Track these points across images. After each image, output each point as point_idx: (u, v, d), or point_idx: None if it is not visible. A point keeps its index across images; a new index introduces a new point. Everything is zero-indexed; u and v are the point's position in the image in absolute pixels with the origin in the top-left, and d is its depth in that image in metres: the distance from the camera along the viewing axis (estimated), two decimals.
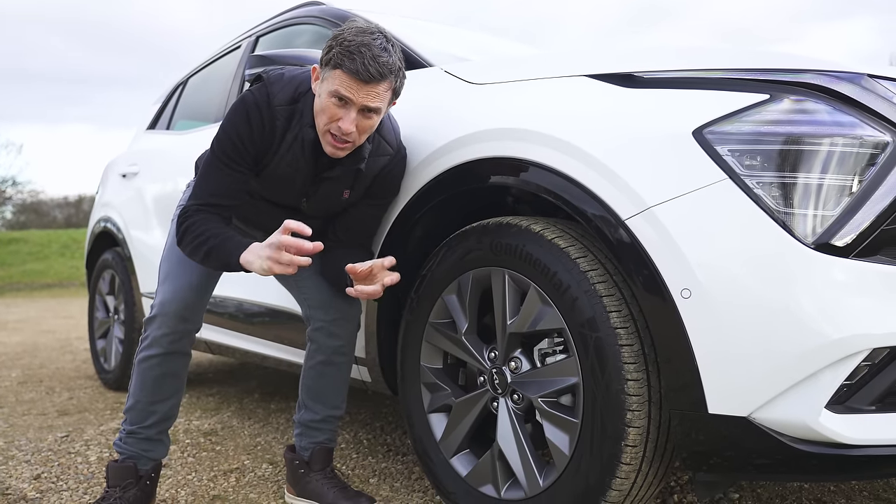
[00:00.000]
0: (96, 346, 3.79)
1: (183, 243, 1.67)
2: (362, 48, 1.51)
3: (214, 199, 1.66)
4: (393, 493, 1.95)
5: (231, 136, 1.64)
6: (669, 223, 1.23)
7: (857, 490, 1.92)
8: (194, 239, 1.63)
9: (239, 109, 1.65)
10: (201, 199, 1.67)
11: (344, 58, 1.51)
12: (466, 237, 1.64)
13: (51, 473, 2.16)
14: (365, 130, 1.61)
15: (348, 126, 1.56)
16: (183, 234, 1.66)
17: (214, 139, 1.68)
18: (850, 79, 1.23)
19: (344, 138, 1.58)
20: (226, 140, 1.65)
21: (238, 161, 1.65)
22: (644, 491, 1.40)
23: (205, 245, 1.61)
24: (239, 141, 1.64)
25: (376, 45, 1.52)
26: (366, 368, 1.98)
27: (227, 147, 1.64)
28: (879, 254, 1.16)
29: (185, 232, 1.65)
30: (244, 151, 1.65)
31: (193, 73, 3.65)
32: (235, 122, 1.64)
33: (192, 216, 1.66)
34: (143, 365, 1.72)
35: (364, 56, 1.50)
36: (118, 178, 3.69)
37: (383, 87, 1.56)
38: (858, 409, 1.16)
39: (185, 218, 1.66)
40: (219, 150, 1.66)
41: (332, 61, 1.54)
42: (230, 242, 1.60)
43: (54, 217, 39.86)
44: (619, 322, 1.33)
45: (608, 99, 1.40)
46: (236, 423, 2.77)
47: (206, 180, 1.68)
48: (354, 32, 1.54)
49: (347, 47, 1.51)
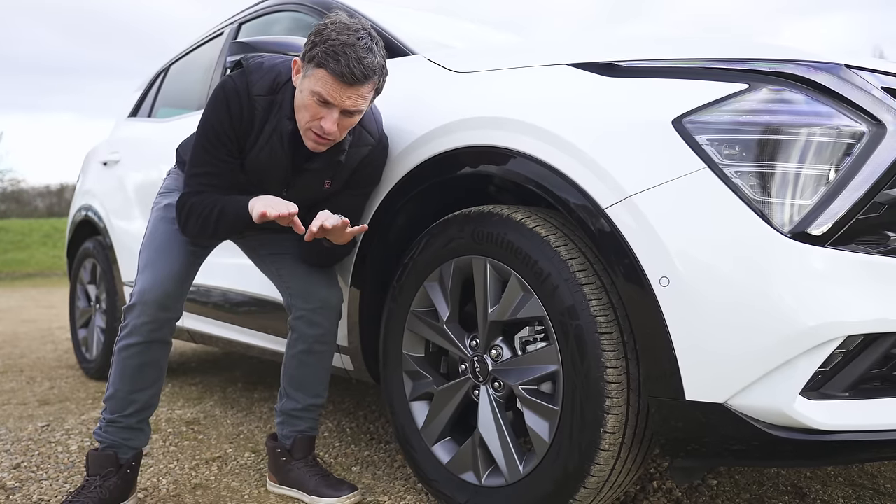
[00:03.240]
0: (78, 335, 3.76)
1: (189, 224, 1.71)
2: (347, 49, 1.50)
3: (208, 185, 1.70)
4: (375, 481, 1.95)
5: (213, 124, 1.66)
6: (649, 212, 1.23)
7: (833, 476, 1.95)
8: (201, 214, 1.68)
9: (219, 97, 1.65)
10: (194, 187, 1.71)
11: (328, 58, 1.50)
12: (448, 226, 1.64)
13: (31, 463, 2.14)
14: (346, 128, 1.62)
15: (330, 126, 1.56)
16: (187, 217, 1.70)
17: (198, 129, 1.70)
18: (827, 69, 1.24)
19: (325, 135, 1.59)
20: (209, 129, 1.67)
21: (222, 149, 1.67)
22: (623, 477, 1.41)
23: (214, 212, 1.67)
24: (221, 128, 1.66)
25: (361, 46, 1.51)
26: (348, 357, 1.98)
27: (211, 136, 1.67)
28: (854, 242, 1.18)
29: (189, 213, 1.70)
30: (226, 139, 1.67)
31: (175, 61, 3.61)
32: (216, 110, 1.66)
33: (190, 199, 1.70)
34: (123, 354, 1.71)
35: (349, 58, 1.49)
36: (99, 166, 3.65)
37: (366, 88, 1.56)
38: (832, 396, 1.18)
39: (184, 204, 1.71)
40: (203, 140, 1.69)
41: (315, 59, 1.53)
42: (236, 198, 1.67)
43: (36, 206, 39.40)
44: (598, 310, 1.33)
45: (589, 88, 1.40)
46: (219, 413, 2.76)
47: (195, 168, 1.71)
48: (339, 30, 1.52)
49: (332, 47, 1.50)
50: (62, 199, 37.94)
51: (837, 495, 1.81)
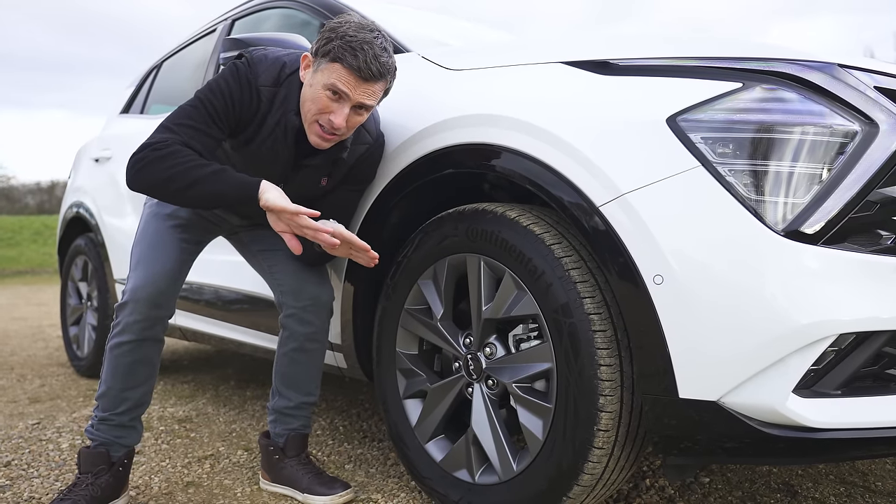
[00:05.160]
0: (69, 333, 3.74)
1: (153, 168, 1.51)
2: (364, 45, 1.51)
3: (193, 141, 1.56)
4: (368, 479, 1.95)
5: (223, 90, 1.60)
6: (643, 210, 1.24)
7: (824, 473, 1.96)
8: (183, 164, 1.51)
9: (233, 72, 1.62)
10: (181, 136, 1.56)
11: (345, 52, 1.51)
12: (442, 223, 1.64)
13: (21, 461, 2.13)
14: (353, 126, 1.61)
15: (340, 121, 1.56)
16: (159, 159, 1.51)
17: (201, 92, 1.61)
18: (821, 68, 1.24)
19: (332, 131, 1.58)
20: (216, 92, 1.60)
21: (217, 121, 1.59)
22: (616, 475, 1.41)
23: (205, 169, 1.51)
24: (229, 97, 1.60)
25: (377, 45, 1.53)
26: (342, 355, 1.98)
27: (216, 100, 1.59)
28: (847, 241, 1.18)
29: (166, 157, 1.51)
30: (229, 110, 1.60)
31: (168, 57, 3.59)
32: (229, 81, 1.61)
33: (173, 144, 1.53)
34: (115, 352, 1.70)
35: (367, 53, 1.51)
36: (91, 162, 3.63)
37: (379, 86, 1.57)
38: (825, 394, 1.19)
39: (163, 144, 1.53)
40: (206, 103, 1.59)
41: (330, 53, 1.53)
42: (241, 174, 1.55)
43: (26, 203, 39.18)
44: (592, 308, 1.34)
45: (584, 86, 1.40)
46: (211, 410, 2.75)
47: (186, 119, 1.58)
48: (356, 28, 1.53)
49: (350, 42, 1.51)
50: (53, 196, 37.75)
51: (829, 493, 1.82)
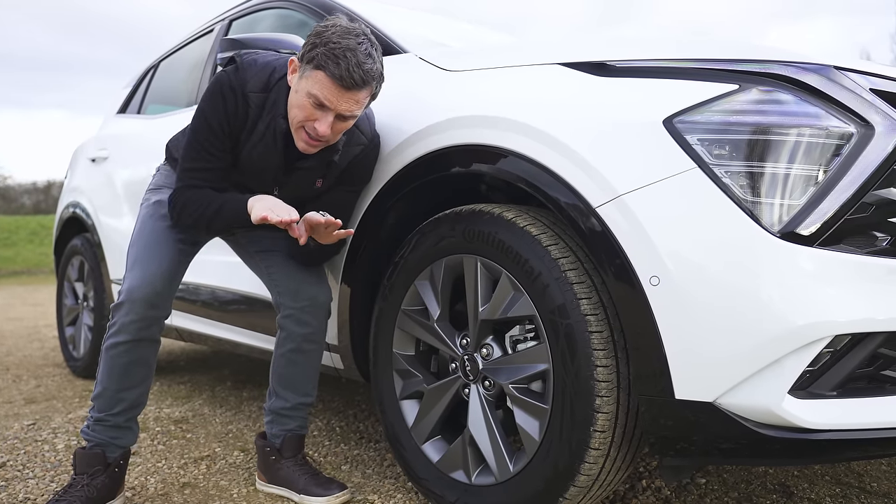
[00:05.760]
0: (65, 333, 3.73)
1: (183, 218, 1.71)
2: (347, 53, 1.49)
3: (202, 180, 1.69)
4: (365, 480, 1.95)
5: (209, 118, 1.65)
6: (639, 211, 1.24)
7: (820, 474, 1.96)
8: (197, 209, 1.68)
9: (214, 92, 1.64)
10: (189, 181, 1.70)
11: (328, 60, 1.49)
12: (439, 224, 1.64)
13: (16, 461, 2.12)
14: (340, 132, 1.62)
15: (324, 129, 1.56)
16: (181, 210, 1.70)
17: (192, 123, 1.68)
18: (817, 70, 1.24)
19: (318, 138, 1.58)
20: (204, 124, 1.66)
21: (216, 144, 1.66)
22: (612, 476, 1.41)
23: (210, 207, 1.67)
24: (216, 123, 1.64)
25: (361, 51, 1.50)
26: (338, 356, 1.98)
27: (206, 130, 1.66)
28: (843, 243, 1.19)
29: (184, 207, 1.69)
30: (221, 133, 1.66)
31: (165, 57, 3.58)
32: (212, 105, 1.65)
33: (185, 193, 1.69)
34: (111, 352, 1.70)
35: (349, 62, 1.49)
36: (87, 162, 3.62)
37: (364, 93, 1.55)
38: (820, 395, 1.19)
39: (179, 197, 1.70)
40: (198, 134, 1.67)
41: (314, 61, 1.52)
42: (235, 196, 1.68)
43: (22, 203, 39.11)
44: (589, 309, 1.34)
45: (581, 87, 1.41)
46: (208, 411, 2.75)
47: (190, 163, 1.69)
48: (340, 34, 1.51)
49: (332, 50, 1.49)
50: (49, 196, 37.68)
51: (824, 494, 1.82)
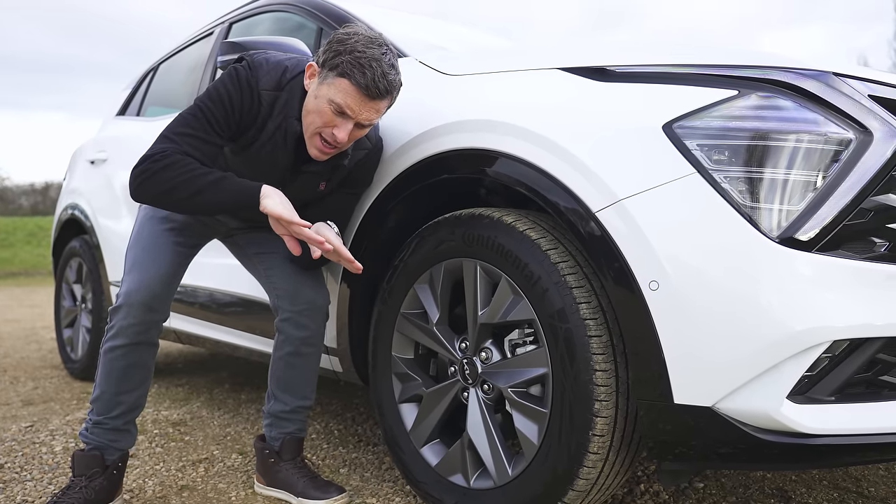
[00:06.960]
0: (63, 335, 3.72)
1: (156, 179, 1.51)
2: (373, 63, 1.49)
3: (194, 151, 1.56)
4: (363, 483, 1.95)
5: (224, 99, 1.58)
6: (639, 216, 1.24)
7: (818, 479, 1.97)
8: (186, 172, 1.51)
9: (233, 77, 1.60)
10: (182, 145, 1.55)
11: (353, 69, 1.49)
12: (439, 228, 1.64)
13: (14, 463, 2.12)
14: (355, 139, 1.62)
15: (343, 136, 1.55)
16: (161, 169, 1.51)
17: (203, 98, 1.59)
18: (815, 76, 1.25)
19: (334, 144, 1.58)
20: (217, 101, 1.58)
21: (221, 124, 1.59)
22: (611, 480, 1.42)
23: (209, 176, 1.52)
24: (230, 107, 1.58)
25: (385, 61, 1.51)
26: (337, 359, 1.98)
27: (218, 107, 1.58)
28: (841, 248, 1.19)
29: (168, 166, 1.51)
30: (230, 118, 1.59)
31: (165, 59, 3.59)
32: (228, 87, 1.59)
33: (172, 155, 1.53)
34: (110, 355, 1.69)
35: (375, 72, 1.49)
36: (86, 164, 3.62)
37: (385, 103, 1.56)
38: (818, 400, 1.19)
39: (164, 156, 1.52)
40: (208, 108, 1.58)
41: (338, 68, 1.51)
42: (241, 179, 1.57)
43: (20, 204, 39.07)
44: (588, 313, 1.34)
45: (581, 92, 1.41)
46: (206, 414, 2.75)
47: (186, 128, 1.57)
48: (365, 43, 1.51)
49: (358, 59, 1.49)
50: (47, 198, 37.64)
51: (822, 498, 1.83)
